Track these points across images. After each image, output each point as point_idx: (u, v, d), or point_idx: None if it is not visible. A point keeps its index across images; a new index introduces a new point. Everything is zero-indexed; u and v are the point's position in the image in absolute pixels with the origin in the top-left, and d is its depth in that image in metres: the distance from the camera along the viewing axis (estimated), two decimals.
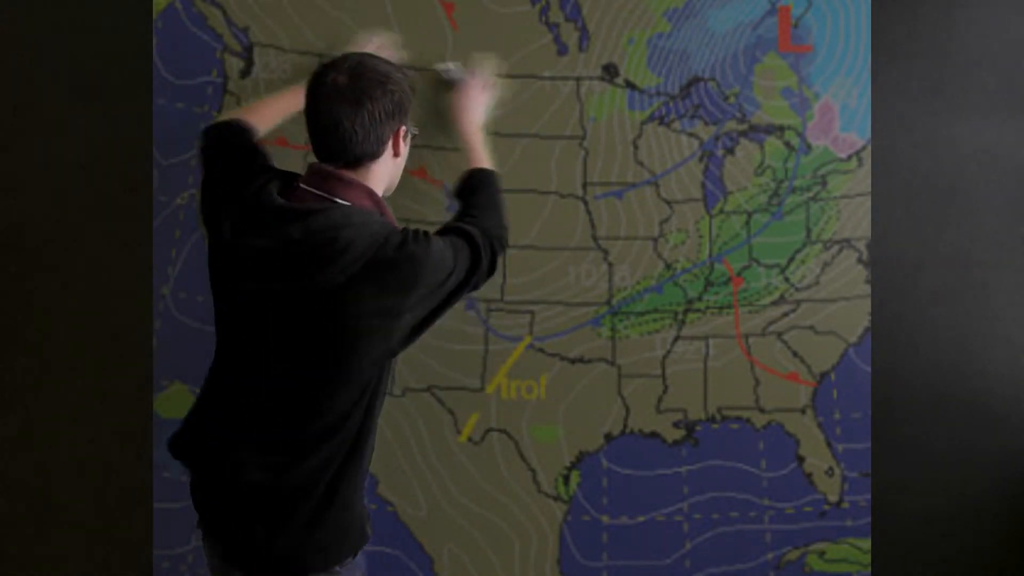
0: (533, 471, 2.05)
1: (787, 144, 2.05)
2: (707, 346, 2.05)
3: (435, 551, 2.05)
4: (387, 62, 1.59)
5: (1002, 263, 2.17)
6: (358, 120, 1.49)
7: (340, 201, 1.50)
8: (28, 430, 2.12)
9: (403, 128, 1.59)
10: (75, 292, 2.10)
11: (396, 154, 1.60)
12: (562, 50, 2.02)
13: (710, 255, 2.05)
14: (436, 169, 2.02)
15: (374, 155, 1.55)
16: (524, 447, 2.05)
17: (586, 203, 2.04)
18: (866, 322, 2.07)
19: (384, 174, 1.60)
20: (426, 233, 1.54)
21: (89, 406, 2.10)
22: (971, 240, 2.17)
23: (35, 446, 2.12)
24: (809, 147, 2.05)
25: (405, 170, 2.02)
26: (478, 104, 1.91)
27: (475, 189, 1.73)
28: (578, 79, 2.03)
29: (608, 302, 2.04)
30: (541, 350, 2.04)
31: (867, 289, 2.07)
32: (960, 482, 2.18)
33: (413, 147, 2.02)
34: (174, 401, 2.01)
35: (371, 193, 1.56)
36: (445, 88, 1.93)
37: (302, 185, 1.53)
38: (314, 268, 1.41)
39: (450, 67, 1.75)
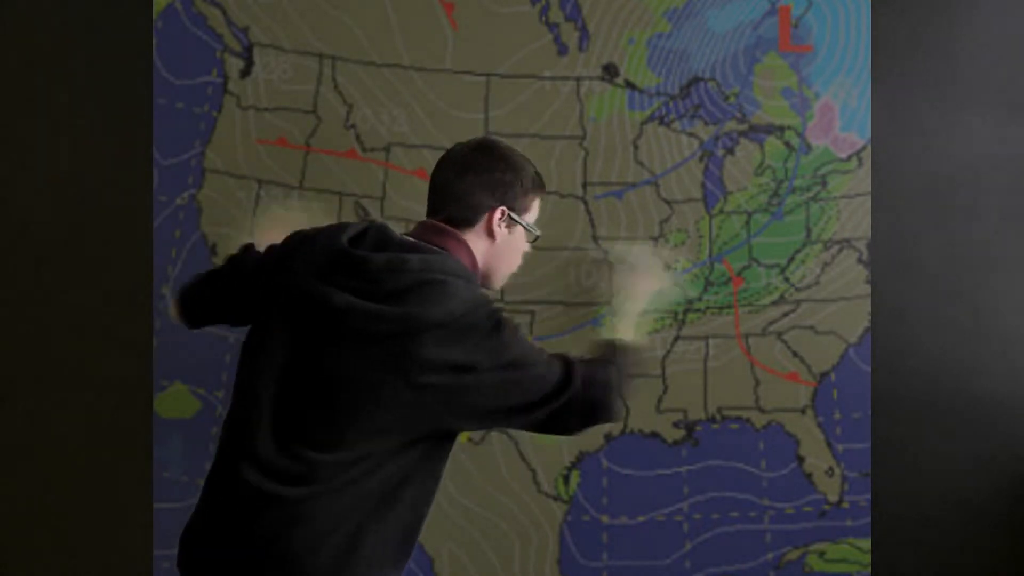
0: (533, 471, 2.05)
1: (787, 144, 2.05)
2: (707, 346, 2.05)
3: (435, 551, 2.05)
4: (518, 153, 1.56)
5: (1002, 263, 2.17)
6: (460, 182, 1.51)
7: (435, 247, 1.47)
8: (28, 430, 2.12)
9: (501, 209, 1.51)
10: (75, 292, 2.09)
11: (489, 232, 1.51)
12: (562, 50, 2.02)
13: (710, 255, 2.05)
14: None
15: (467, 221, 1.50)
16: (524, 447, 2.05)
17: (586, 203, 2.04)
18: (866, 322, 2.07)
19: (477, 247, 1.51)
20: (516, 326, 1.46)
21: (89, 406, 2.09)
22: (970, 240, 2.17)
23: (35, 446, 2.12)
24: (809, 147, 2.05)
25: (405, 170, 2.03)
26: (645, 293, 1.91)
27: (609, 352, 1.62)
28: (578, 79, 2.03)
29: (608, 302, 2.04)
30: None
31: (867, 289, 2.07)
32: (960, 482, 2.18)
33: (412, 147, 2.02)
34: (174, 401, 2.01)
35: (469, 252, 1.50)
36: (619, 264, 1.85)
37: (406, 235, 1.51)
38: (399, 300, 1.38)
39: (629, 251, 1.74)
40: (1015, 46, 2.16)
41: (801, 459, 2.06)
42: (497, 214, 1.50)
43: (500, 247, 1.53)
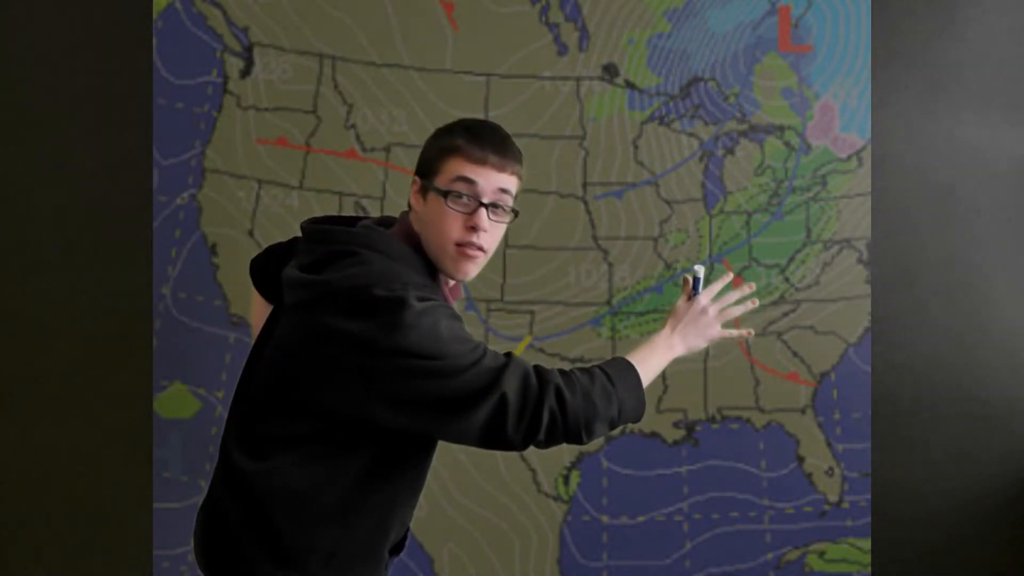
0: (533, 471, 2.05)
1: (787, 144, 2.05)
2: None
3: (435, 551, 2.05)
4: (457, 121, 1.48)
5: (1001, 263, 2.17)
6: None
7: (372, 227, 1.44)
8: (28, 430, 2.12)
9: (413, 180, 1.46)
10: (75, 292, 2.09)
11: (415, 205, 1.44)
12: (562, 50, 2.02)
13: (710, 255, 2.05)
14: None
15: (408, 202, 1.48)
16: None
17: (586, 203, 2.04)
18: (866, 322, 2.07)
19: (415, 223, 1.44)
20: (434, 313, 1.32)
21: (89, 406, 2.09)
22: (970, 240, 2.17)
23: (35, 446, 2.12)
24: (809, 147, 2.05)
25: (405, 170, 2.03)
26: (693, 322, 1.54)
27: (606, 364, 1.44)
28: (578, 79, 2.03)
29: (608, 302, 2.04)
30: (541, 350, 2.04)
31: (867, 289, 2.07)
32: (960, 482, 2.18)
33: (412, 147, 2.02)
34: (174, 401, 2.01)
35: (408, 229, 1.44)
36: (683, 286, 1.62)
37: None
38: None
39: (699, 272, 1.53)
40: (1015, 47, 2.16)
41: (801, 459, 2.06)
42: (413, 187, 1.45)
43: (423, 217, 1.42)
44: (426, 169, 1.42)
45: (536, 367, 1.35)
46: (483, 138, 1.40)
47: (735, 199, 2.05)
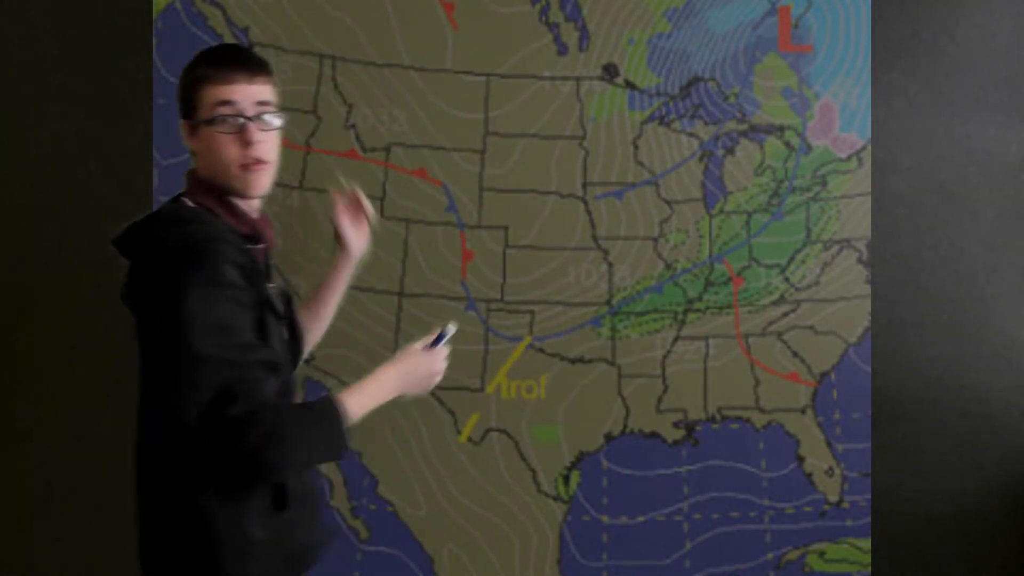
0: (533, 471, 2.05)
1: (787, 144, 2.05)
2: (707, 346, 2.05)
3: (435, 551, 2.05)
4: (193, 59, 1.50)
5: (1001, 263, 2.17)
6: None
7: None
8: (28, 429, 2.12)
9: (180, 124, 1.49)
10: (75, 291, 2.09)
11: (193, 152, 1.49)
12: (562, 50, 2.02)
13: (710, 255, 2.05)
14: (436, 169, 2.02)
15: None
16: (524, 447, 2.05)
17: (586, 203, 2.04)
18: (866, 322, 2.07)
19: (197, 165, 1.49)
20: (202, 256, 1.34)
21: (89, 406, 2.09)
22: (971, 240, 2.17)
23: (35, 445, 2.12)
24: (809, 147, 2.05)
25: (405, 170, 2.03)
26: (415, 369, 1.51)
27: (312, 403, 1.42)
28: (578, 79, 2.03)
29: (608, 302, 2.04)
30: (541, 350, 2.04)
31: (867, 289, 2.07)
32: (960, 482, 2.18)
33: (412, 147, 2.02)
34: None
35: (194, 178, 1.49)
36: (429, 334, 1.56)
37: None
38: None
39: (450, 331, 1.51)
40: (1015, 46, 2.16)
41: (801, 459, 2.06)
42: (184, 132, 1.48)
43: (202, 154, 1.46)
44: (187, 109, 1.47)
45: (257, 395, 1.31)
46: (225, 59, 1.46)
47: (735, 199, 2.05)
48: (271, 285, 1.50)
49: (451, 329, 1.52)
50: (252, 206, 1.50)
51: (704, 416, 2.06)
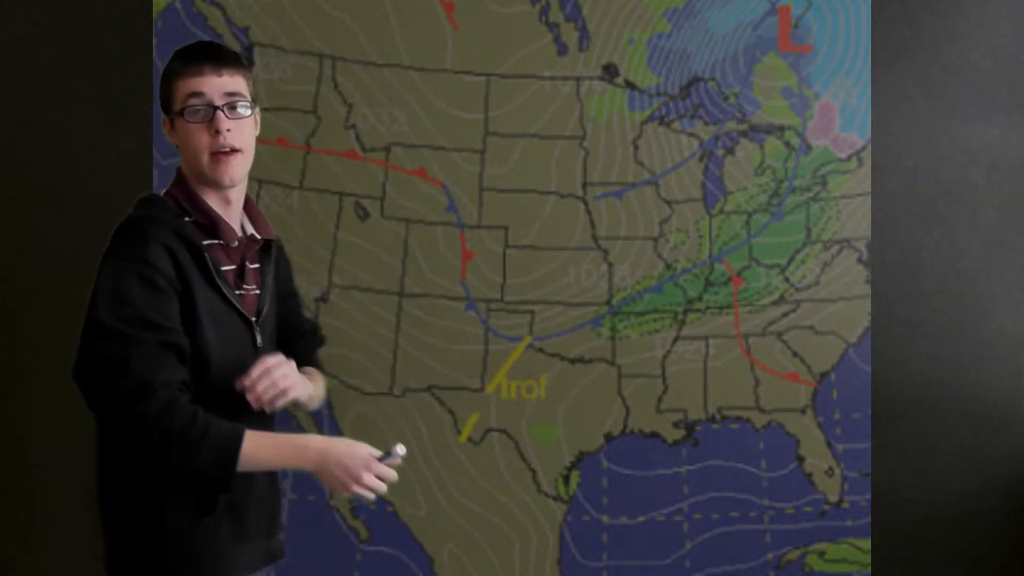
0: (533, 471, 2.05)
1: (787, 144, 2.05)
2: (707, 346, 2.05)
3: (435, 551, 2.05)
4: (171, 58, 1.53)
5: (1001, 263, 2.17)
6: None
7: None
8: (28, 429, 2.12)
9: (165, 119, 1.50)
10: (75, 291, 2.09)
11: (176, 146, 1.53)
12: (562, 50, 2.02)
13: (710, 255, 2.05)
14: (436, 169, 2.02)
15: None
16: (524, 447, 2.05)
17: (586, 203, 2.04)
18: (866, 322, 2.07)
19: (181, 160, 1.53)
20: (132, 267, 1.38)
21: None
22: (971, 240, 2.17)
23: (35, 446, 2.12)
24: (809, 147, 2.05)
25: (405, 170, 2.03)
26: (344, 462, 1.40)
27: (214, 420, 1.36)
28: (578, 79, 2.03)
29: (608, 302, 2.04)
30: (541, 350, 2.04)
31: (867, 289, 2.07)
32: (960, 482, 2.18)
33: (412, 147, 2.02)
34: None
35: (177, 177, 1.51)
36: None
37: None
38: None
39: (398, 452, 1.40)
40: (1015, 47, 2.16)
41: (801, 459, 2.06)
42: (165, 128, 1.51)
43: (180, 147, 1.49)
44: (165, 105, 1.49)
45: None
46: (194, 54, 1.49)
47: (735, 199, 2.05)
48: (249, 287, 1.49)
49: (399, 451, 1.40)
50: (229, 200, 1.50)
51: (704, 416, 2.06)
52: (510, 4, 2.01)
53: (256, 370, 1.39)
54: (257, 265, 1.53)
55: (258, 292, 1.52)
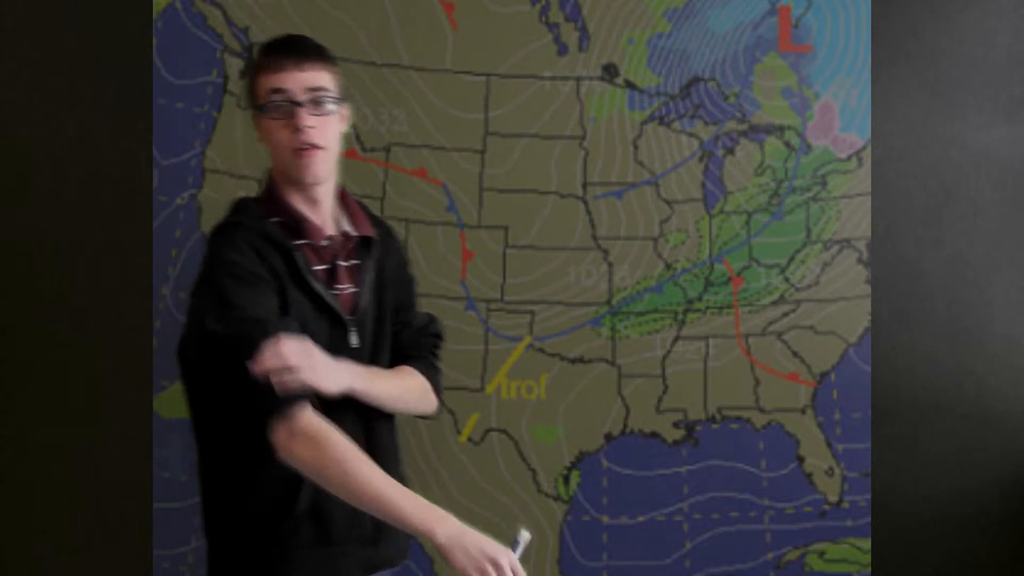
0: (533, 471, 2.05)
1: (787, 144, 2.05)
2: (707, 346, 2.05)
3: (435, 551, 2.04)
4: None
5: (1002, 263, 2.17)
6: None
7: None
8: (28, 430, 2.11)
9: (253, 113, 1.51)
10: (75, 292, 2.09)
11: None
12: (562, 50, 2.02)
13: (710, 255, 2.05)
14: (436, 169, 2.02)
15: None
16: (524, 447, 2.05)
17: (586, 203, 2.04)
18: (866, 322, 2.07)
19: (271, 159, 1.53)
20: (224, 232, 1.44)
21: (89, 406, 2.09)
22: (971, 240, 2.17)
23: (35, 446, 2.12)
24: (809, 147, 2.05)
25: (405, 170, 2.03)
26: (477, 548, 1.33)
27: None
28: (578, 79, 2.03)
29: (608, 302, 2.04)
30: (541, 350, 2.04)
31: (867, 289, 2.07)
32: (960, 482, 2.18)
33: (412, 147, 2.02)
34: (174, 401, 2.01)
35: (269, 178, 1.52)
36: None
37: None
38: None
39: (523, 538, 1.34)
40: (1015, 46, 2.16)
41: (801, 459, 2.06)
42: (254, 126, 1.50)
43: (267, 145, 1.49)
44: (250, 102, 1.49)
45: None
46: (277, 47, 1.47)
47: (735, 199, 2.05)
48: (343, 286, 1.47)
49: (524, 537, 1.33)
50: (316, 198, 1.48)
51: (704, 416, 2.06)
52: (510, 4, 2.01)
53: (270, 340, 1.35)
54: (354, 262, 1.50)
55: (354, 290, 1.48)
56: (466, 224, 2.02)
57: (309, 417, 1.34)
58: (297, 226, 1.45)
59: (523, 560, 1.33)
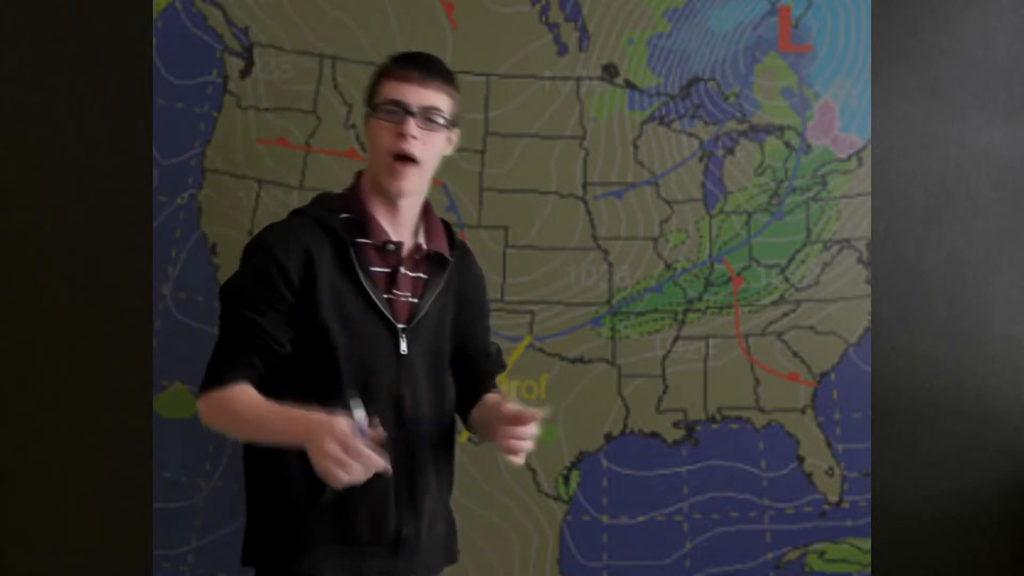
0: (533, 471, 2.05)
1: (787, 144, 2.05)
2: (707, 346, 2.05)
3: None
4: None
5: (1002, 263, 2.17)
6: None
7: None
8: (28, 430, 2.12)
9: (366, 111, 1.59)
10: (75, 292, 2.09)
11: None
12: (562, 50, 2.02)
13: (710, 255, 2.05)
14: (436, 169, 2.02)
15: None
16: None
17: (586, 203, 2.04)
18: (866, 322, 2.07)
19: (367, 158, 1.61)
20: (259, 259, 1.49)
21: (89, 406, 2.09)
22: (971, 240, 2.17)
23: (35, 446, 2.12)
24: (809, 147, 2.05)
25: None
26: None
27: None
28: (578, 79, 2.03)
29: (608, 302, 2.04)
30: (541, 350, 2.04)
31: (867, 289, 2.07)
32: (960, 482, 2.18)
33: None
34: (174, 401, 2.01)
35: (358, 181, 1.59)
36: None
37: None
38: None
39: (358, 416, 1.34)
40: (1015, 46, 2.16)
41: (801, 459, 2.06)
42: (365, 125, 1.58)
43: (369, 143, 1.56)
44: (367, 100, 1.55)
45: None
46: (408, 59, 1.55)
47: (735, 199, 2.05)
48: (402, 292, 1.51)
49: (359, 415, 1.34)
50: (398, 208, 1.53)
51: (704, 416, 2.06)
52: (510, 4, 2.01)
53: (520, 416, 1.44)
54: (421, 275, 1.52)
55: (414, 301, 1.51)
56: (466, 224, 2.02)
57: (223, 389, 1.43)
58: (363, 224, 1.48)
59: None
